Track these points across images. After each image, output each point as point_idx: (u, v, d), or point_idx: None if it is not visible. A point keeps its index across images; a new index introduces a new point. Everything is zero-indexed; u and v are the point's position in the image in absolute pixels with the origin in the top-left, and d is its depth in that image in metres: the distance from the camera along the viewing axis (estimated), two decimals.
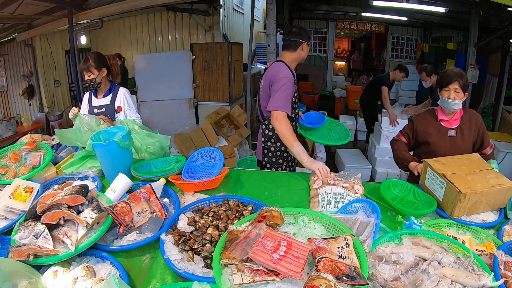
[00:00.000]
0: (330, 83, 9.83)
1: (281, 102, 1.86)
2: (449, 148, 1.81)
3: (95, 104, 2.27)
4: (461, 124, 1.87)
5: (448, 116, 1.87)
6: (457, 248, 1.11)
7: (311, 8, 8.52)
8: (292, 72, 2.00)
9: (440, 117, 1.88)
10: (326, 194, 1.48)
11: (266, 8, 4.41)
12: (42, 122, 5.82)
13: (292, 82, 1.95)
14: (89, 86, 2.22)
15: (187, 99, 5.10)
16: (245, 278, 0.87)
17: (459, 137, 1.86)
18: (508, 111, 5.28)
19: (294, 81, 1.99)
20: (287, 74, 1.93)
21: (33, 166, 1.70)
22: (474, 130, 1.87)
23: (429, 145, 1.89)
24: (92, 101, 2.28)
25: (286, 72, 1.93)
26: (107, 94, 2.26)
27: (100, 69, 2.18)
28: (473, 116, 1.88)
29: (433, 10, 5.74)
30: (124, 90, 2.29)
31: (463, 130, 1.86)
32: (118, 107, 2.24)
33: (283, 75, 1.91)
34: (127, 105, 2.27)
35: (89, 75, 2.17)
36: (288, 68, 1.98)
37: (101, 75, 2.20)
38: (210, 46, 4.92)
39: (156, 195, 1.31)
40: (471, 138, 1.87)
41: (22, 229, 1.11)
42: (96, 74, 2.17)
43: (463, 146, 1.85)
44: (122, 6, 4.52)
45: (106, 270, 1.07)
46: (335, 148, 5.18)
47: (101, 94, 2.27)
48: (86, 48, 6.96)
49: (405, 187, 1.63)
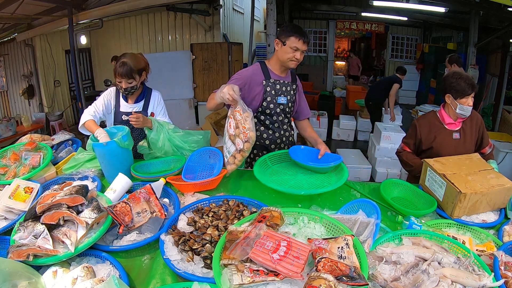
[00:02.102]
0: (330, 83, 9.83)
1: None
2: (454, 151, 1.79)
3: (125, 109, 1.98)
4: (463, 125, 1.86)
5: (453, 119, 1.85)
6: (457, 248, 1.11)
7: (311, 8, 8.53)
8: (267, 74, 1.82)
9: (447, 121, 1.86)
10: None
11: (266, 8, 4.41)
12: (42, 122, 5.82)
13: (243, 80, 1.77)
14: (126, 94, 1.93)
15: (187, 99, 5.10)
16: (245, 278, 0.86)
17: (463, 139, 1.85)
18: (508, 111, 5.29)
19: (263, 82, 1.81)
20: (242, 72, 1.85)
21: (33, 166, 1.70)
22: (475, 130, 1.87)
23: (433, 149, 1.87)
24: (120, 105, 1.99)
25: (242, 71, 1.87)
26: (140, 99, 1.99)
27: (141, 73, 1.89)
28: (473, 116, 1.87)
29: (433, 10, 5.74)
30: (157, 93, 2.05)
31: (466, 131, 1.86)
32: (151, 113, 2.00)
33: (237, 73, 1.86)
34: (159, 110, 2.04)
35: (130, 82, 1.84)
36: (261, 69, 1.83)
37: (141, 80, 1.92)
38: (210, 46, 4.93)
39: (156, 195, 1.30)
40: (473, 138, 1.87)
41: (22, 229, 1.11)
42: (137, 80, 1.87)
43: (467, 147, 1.85)
44: (122, 6, 4.53)
45: (106, 270, 1.07)
46: (335, 147, 5.18)
47: (133, 99, 1.99)
48: (86, 48, 6.97)
49: (405, 187, 1.63)
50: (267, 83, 1.82)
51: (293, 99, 1.93)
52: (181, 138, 1.91)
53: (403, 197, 1.60)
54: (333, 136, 6.04)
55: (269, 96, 1.84)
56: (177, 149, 1.91)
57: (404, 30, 9.12)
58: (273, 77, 1.85)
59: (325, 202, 1.48)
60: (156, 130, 1.85)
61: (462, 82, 1.74)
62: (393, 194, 1.61)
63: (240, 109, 1.51)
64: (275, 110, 1.88)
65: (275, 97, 1.85)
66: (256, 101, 1.84)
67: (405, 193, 1.61)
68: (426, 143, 1.89)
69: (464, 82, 1.74)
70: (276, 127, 1.93)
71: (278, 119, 1.91)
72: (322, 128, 5.91)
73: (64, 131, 2.28)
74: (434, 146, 1.86)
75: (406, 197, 1.60)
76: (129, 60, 1.82)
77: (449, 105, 1.83)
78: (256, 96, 1.83)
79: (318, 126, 5.87)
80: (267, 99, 1.84)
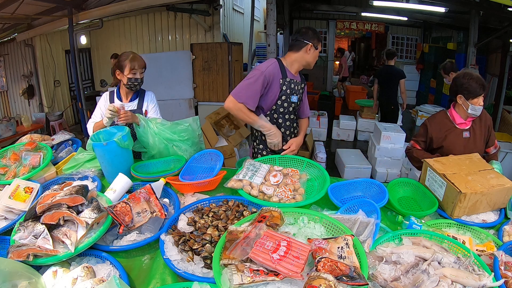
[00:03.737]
0: (330, 83, 9.83)
1: (238, 89, 1.79)
2: (464, 149, 1.79)
3: None
4: (473, 124, 1.86)
5: (464, 118, 1.85)
6: (457, 248, 1.11)
7: (311, 8, 8.52)
8: (284, 72, 1.85)
9: (458, 121, 1.85)
10: None
11: (266, 8, 4.41)
12: (42, 122, 5.82)
13: (266, 77, 1.79)
14: (135, 87, 2.00)
15: (187, 99, 5.10)
16: (245, 278, 0.86)
17: (472, 137, 1.86)
18: (508, 111, 5.29)
19: (280, 80, 1.83)
20: (262, 67, 1.81)
21: (33, 166, 1.70)
22: (485, 128, 1.88)
23: (443, 148, 1.86)
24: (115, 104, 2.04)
25: (263, 66, 1.82)
26: (134, 98, 2.06)
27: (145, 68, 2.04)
28: (483, 115, 1.88)
29: (433, 10, 5.75)
30: (151, 93, 2.14)
31: (475, 130, 1.86)
32: (145, 112, 2.08)
33: (258, 67, 1.83)
34: (151, 108, 2.11)
35: (143, 72, 2.00)
36: (279, 67, 1.84)
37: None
38: (210, 46, 4.92)
39: (156, 195, 1.31)
40: (482, 136, 1.88)
41: (22, 229, 1.11)
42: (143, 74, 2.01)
43: (477, 145, 1.85)
44: (122, 6, 4.52)
45: (106, 270, 1.07)
46: (335, 147, 5.18)
47: (127, 98, 2.06)
48: (86, 48, 6.97)
49: (414, 186, 1.62)
50: (283, 82, 1.85)
51: (301, 98, 2.00)
52: (169, 130, 1.91)
53: (411, 196, 1.60)
54: (333, 136, 6.04)
55: (284, 95, 1.87)
56: (168, 142, 1.90)
57: (404, 30, 9.12)
58: (289, 76, 1.88)
59: (325, 202, 1.48)
60: (143, 126, 1.88)
61: (473, 82, 1.75)
62: (400, 194, 1.60)
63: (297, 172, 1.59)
64: (288, 109, 1.92)
65: (289, 96, 1.88)
66: (272, 98, 1.87)
67: (414, 192, 1.60)
68: (437, 142, 1.89)
69: (475, 82, 1.75)
70: (288, 125, 1.97)
71: (290, 117, 1.97)
72: (322, 128, 5.91)
73: (64, 131, 2.28)
74: (444, 145, 1.86)
75: (414, 196, 1.59)
76: (135, 54, 1.97)
77: (460, 105, 1.83)
78: (274, 94, 1.85)
79: (318, 126, 5.87)
80: (282, 98, 1.87)
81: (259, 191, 1.45)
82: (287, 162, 1.76)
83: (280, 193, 1.43)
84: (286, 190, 1.44)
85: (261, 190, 1.45)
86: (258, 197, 1.43)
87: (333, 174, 1.72)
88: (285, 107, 1.91)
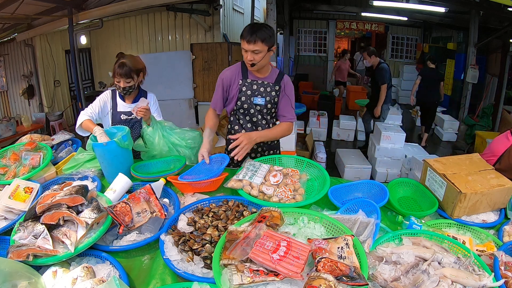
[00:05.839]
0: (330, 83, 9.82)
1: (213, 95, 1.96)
2: None
3: (122, 109, 2.03)
4: None
5: None
6: (457, 248, 1.11)
7: (311, 8, 8.53)
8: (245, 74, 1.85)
9: None
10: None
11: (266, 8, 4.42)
12: (42, 122, 5.82)
13: (224, 81, 1.87)
14: (122, 93, 1.98)
15: (187, 99, 5.11)
16: (244, 278, 0.86)
17: None
18: (508, 111, 5.29)
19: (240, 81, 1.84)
20: (223, 72, 1.91)
21: (33, 166, 1.70)
22: None
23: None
24: (117, 105, 2.04)
25: (224, 71, 1.92)
26: (136, 100, 2.04)
27: (139, 74, 1.98)
28: None
29: (433, 10, 5.75)
30: (152, 95, 2.13)
31: None
32: None
33: (221, 74, 1.93)
34: (154, 110, 2.09)
35: (128, 82, 1.91)
36: (240, 68, 1.87)
37: (138, 80, 2.00)
38: (210, 46, 4.93)
39: (155, 195, 1.31)
40: None
41: (22, 229, 1.11)
42: (135, 80, 1.95)
43: None
44: (122, 6, 4.53)
45: (106, 270, 1.06)
46: (335, 147, 5.18)
47: (130, 99, 2.05)
48: (86, 48, 6.97)
49: (413, 186, 1.61)
50: (243, 83, 1.86)
51: (274, 101, 1.89)
52: (177, 135, 1.93)
53: (411, 196, 1.59)
54: (333, 136, 6.04)
55: (243, 96, 1.86)
56: (173, 146, 1.91)
57: (404, 30, 9.12)
58: (251, 77, 1.86)
59: (325, 202, 1.48)
60: (153, 127, 1.89)
61: None
62: (400, 194, 1.60)
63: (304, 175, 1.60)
64: (249, 110, 1.89)
65: (250, 97, 1.86)
66: (233, 100, 1.90)
67: (414, 192, 1.60)
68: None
69: None
70: (249, 127, 1.94)
71: (252, 119, 1.92)
72: (322, 128, 5.91)
73: (64, 131, 2.28)
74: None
75: (414, 196, 1.59)
76: (128, 61, 1.90)
77: None
78: (234, 95, 1.88)
79: (318, 126, 5.88)
80: (241, 99, 1.87)
81: (259, 191, 1.45)
82: (287, 162, 1.76)
83: (280, 193, 1.43)
84: (286, 190, 1.44)
85: (261, 190, 1.45)
86: (258, 197, 1.43)
87: (333, 174, 1.71)
88: (246, 108, 1.88)
